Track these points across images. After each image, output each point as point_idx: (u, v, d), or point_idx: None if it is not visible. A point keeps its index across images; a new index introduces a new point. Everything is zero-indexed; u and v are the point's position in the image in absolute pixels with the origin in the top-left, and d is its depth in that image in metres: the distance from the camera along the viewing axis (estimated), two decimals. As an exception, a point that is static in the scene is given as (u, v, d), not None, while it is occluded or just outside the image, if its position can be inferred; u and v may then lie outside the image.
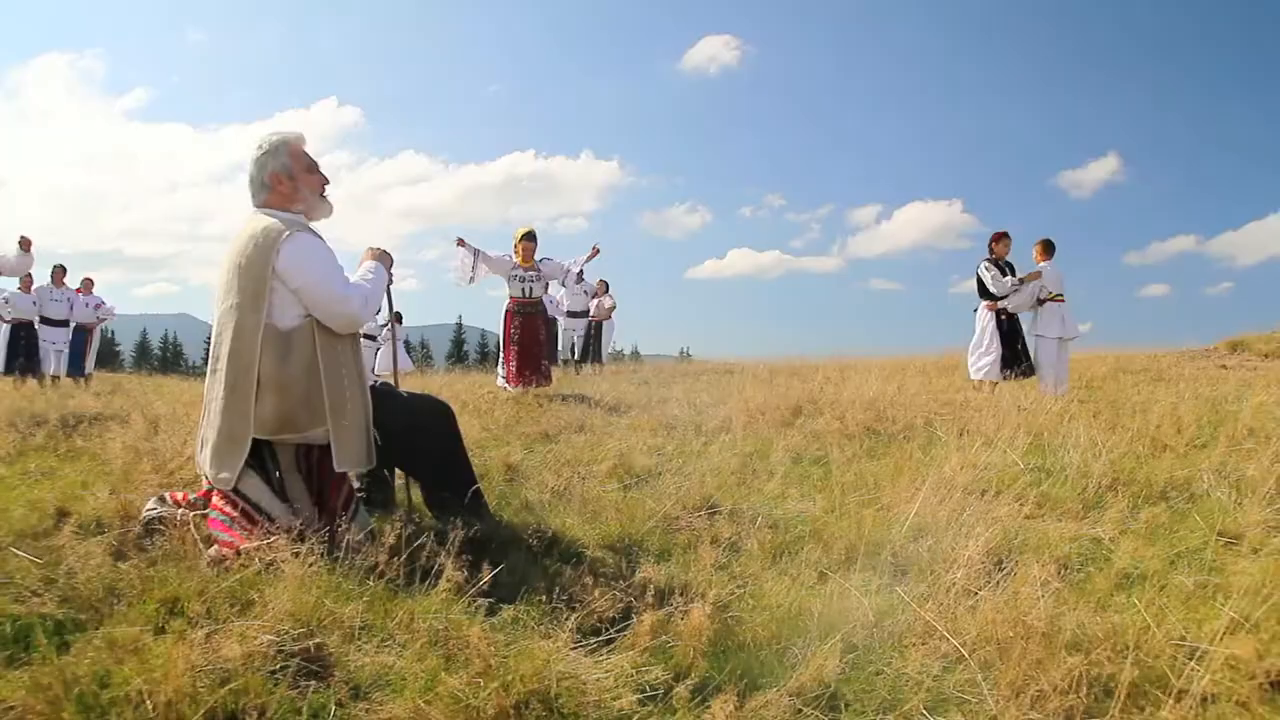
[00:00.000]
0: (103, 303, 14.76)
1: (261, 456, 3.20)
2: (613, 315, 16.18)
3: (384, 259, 3.61)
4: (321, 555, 2.76)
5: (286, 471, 3.25)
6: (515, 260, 9.46)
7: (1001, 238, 9.64)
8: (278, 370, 3.14)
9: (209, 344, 3.44)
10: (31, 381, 12.58)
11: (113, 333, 59.62)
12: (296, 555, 2.71)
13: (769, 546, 3.26)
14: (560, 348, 16.00)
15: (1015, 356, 9.36)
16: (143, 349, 60.31)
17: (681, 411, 7.20)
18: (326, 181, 3.48)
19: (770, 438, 5.79)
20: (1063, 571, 3.01)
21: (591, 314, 15.96)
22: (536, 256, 9.53)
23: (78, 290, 14.39)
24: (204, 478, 3.25)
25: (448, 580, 2.57)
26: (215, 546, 3.02)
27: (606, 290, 16.09)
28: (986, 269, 9.43)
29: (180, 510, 3.29)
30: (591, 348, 15.91)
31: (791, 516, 3.73)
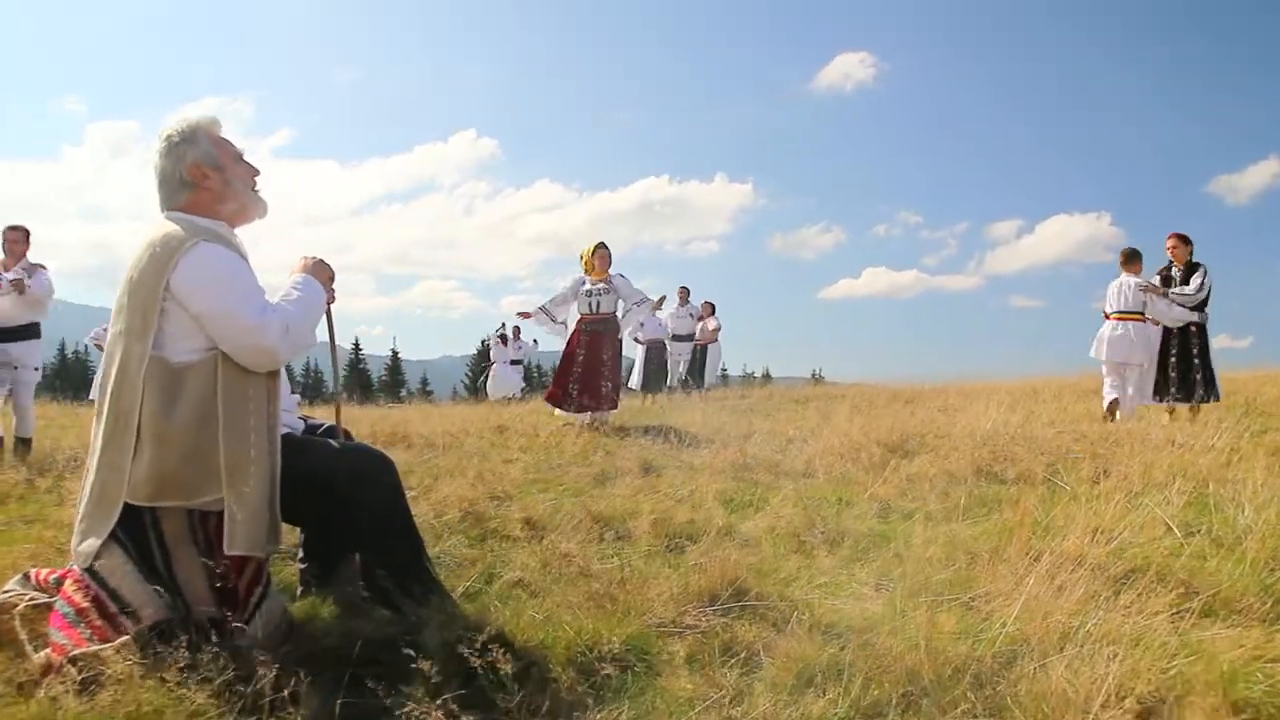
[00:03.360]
0: None
1: (140, 524, 2.46)
2: (718, 338, 15.31)
3: (319, 270, 2.83)
4: (185, 666, 2.10)
5: (174, 543, 2.50)
6: (584, 275, 8.91)
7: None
8: (159, 417, 2.41)
9: (347, 372, 2.72)
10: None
11: (259, 361, 62.24)
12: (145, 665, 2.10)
13: (797, 667, 2.29)
14: (669, 373, 15.22)
15: (1186, 379, 8.01)
16: (287, 375, 62.55)
17: (766, 448, 6.24)
18: (257, 173, 2.78)
19: (857, 482, 4.80)
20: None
21: (696, 337, 15.14)
22: (611, 270, 8.92)
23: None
24: None
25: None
26: (47, 650, 2.32)
27: (713, 312, 15.28)
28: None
29: (29, 596, 2.59)
30: (698, 373, 15.09)
31: (843, 614, 2.73)
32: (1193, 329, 8.01)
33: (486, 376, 20.23)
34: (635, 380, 15.16)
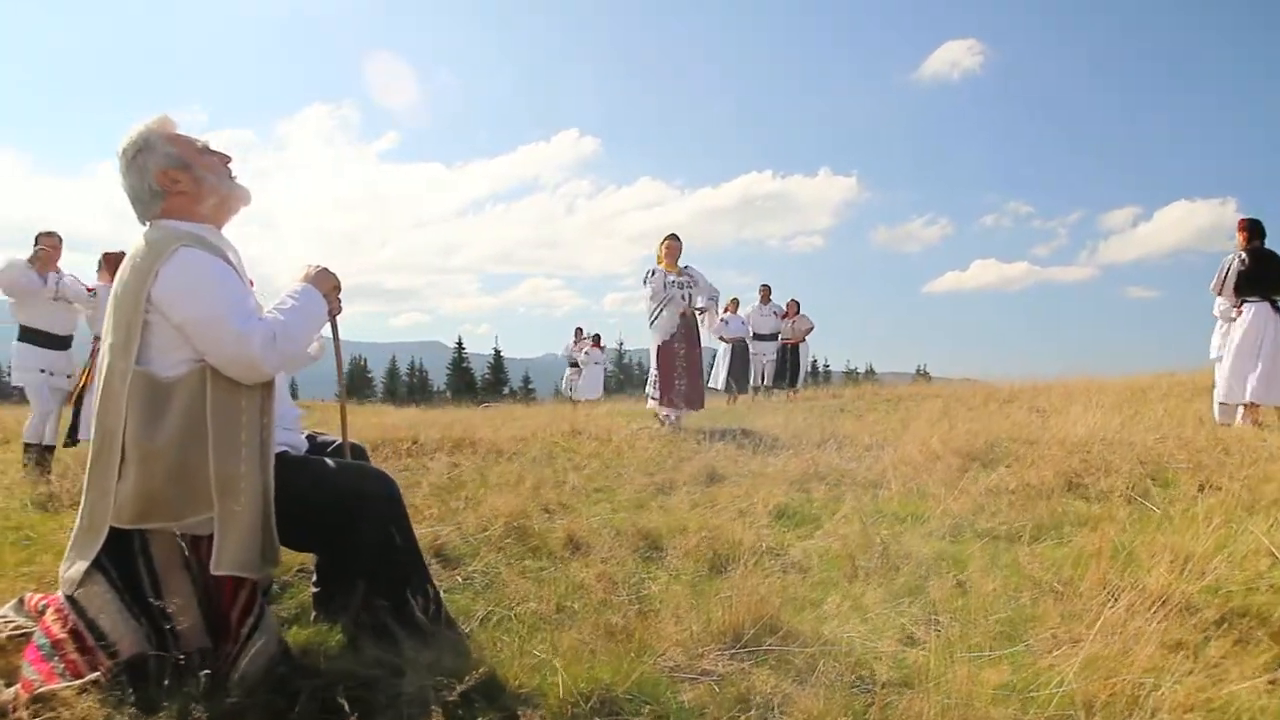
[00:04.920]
0: None
1: (129, 549, 2.34)
2: (807, 338, 14.85)
3: (321, 279, 2.66)
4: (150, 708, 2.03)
5: (164, 569, 2.38)
6: (659, 268, 8.70)
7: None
8: (143, 435, 2.29)
9: (450, 371, 2.61)
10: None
11: (366, 360, 63.97)
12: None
13: (814, 725, 2.01)
14: (752, 374, 14.82)
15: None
16: (392, 376, 64.13)
17: (840, 456, 5.89)
18: (229, 159, 2.61)
19: (931, 496, 4.43)
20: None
21: (783, 336, 14.70)
22: (680, 261, 8.74)
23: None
24: None
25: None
26: (17, 685, 2.20)
27: (798, 310, 14.81)
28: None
29: (14, 624, 2.50)
30: (788, 372, 14.65)
31: (880, 660, 2.42)
32: None
33: (577, 378, 20.14)
34: (718, 379, 14.84)
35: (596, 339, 20.50)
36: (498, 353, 62.47)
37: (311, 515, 2.49)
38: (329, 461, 2.62)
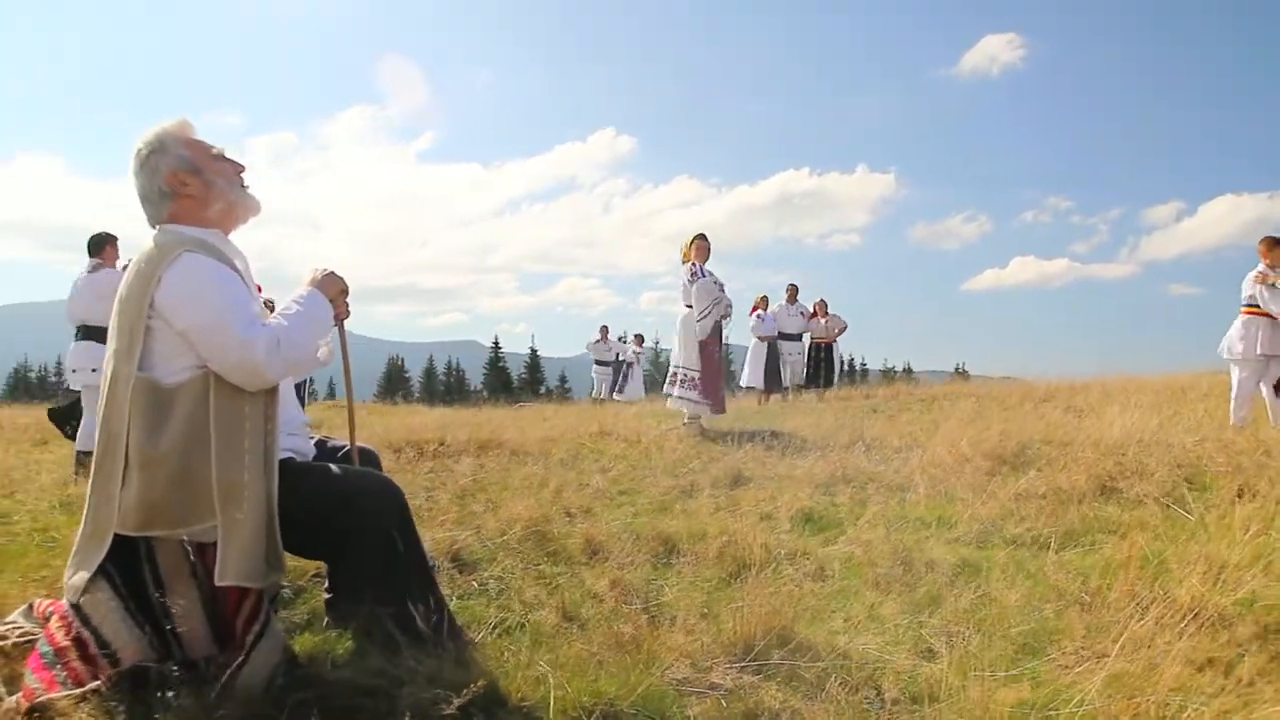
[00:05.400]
0: None
1: (134, 556, 2.34)
2: (839, 337, 14.66)
3: (327, 284, 2.63)
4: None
5: (170, 576, 2.36)
6: (695, 264, 8.58)
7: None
8: (145, 441, 2.27)
9: (487, 370, 2.60)
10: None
11: (403, 360, 64.36)
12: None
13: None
14: (784, 374, 14.64)
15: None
16: (429, 375, 64.53)
17: (868, 458, 5.78)
18: (242, 168, 2.61)
19: (960, 500, 4.32)
20: None
21: (816, 335, 14.52)
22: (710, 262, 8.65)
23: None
24: None
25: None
26: (19, 694, 2.20)
27: (826, 310, 14.61)
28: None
29: (21, 630, 2.50)
30: (822, 373, 14.48)
31: (894, 676, 2.34)
32: None
33: (621, 379, 19.94)
34: (750, 378, 14.65)
35: (640, 339, 20.37)
36: (534, 352, 62.62)
37: (315, 523, 2.46)
38: (334, 468, 2.58)
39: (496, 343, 62.84)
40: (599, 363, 20.24)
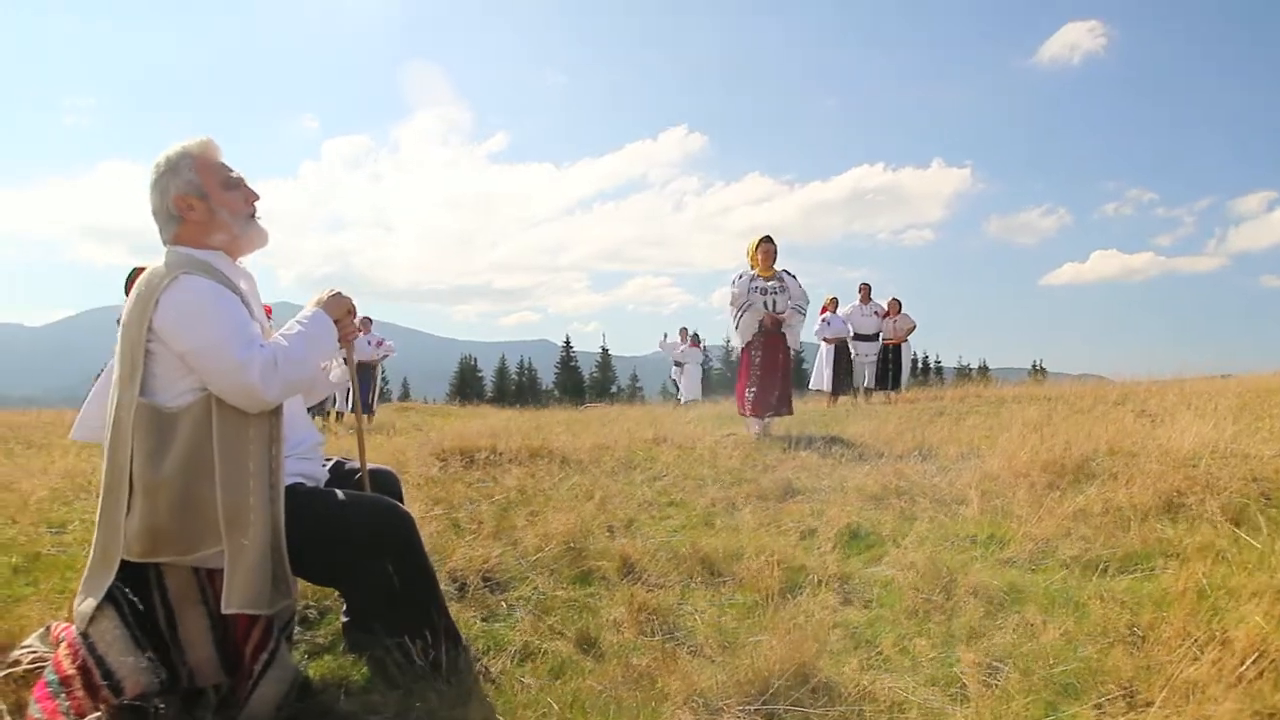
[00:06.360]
0: (383, 340, 15.22)
1: (144, 582, 2.34)
2: (909, 337, 14.31)
3: (333, 305, 2.60)
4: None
5: (179, 603, 2.37)
6: (751, 271, 8.42)
7: None
8: (147, 467, 2.27)
9: (558, 369, 2.60)
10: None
11: (475, 360, 65.06)
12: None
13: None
14: (857, 376, 14.37)
15: None
16: (501, 375, 65.08)
17: (925, 468, 5.58)
18: (256, 198, 2.59)
19: (1015, 516, 4.11)
20: None
21: (884, 336, 14.20)
22: (776, 265, 8.44)
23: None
24: None
25: None
26: None
27: (899, 309, 14.27)
28: None
29: (35, 654, 2.51)
30: (890, 374, 14.16)
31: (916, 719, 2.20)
32: None
33: (683, 380, 19.89)
34: (821, 381, 14.48)
35: (695, 338, 20.28)
36: (605, 351, 62.82)
37: (319, 552, 2.43)
38: (341, 495, 2.54)
39: (568, 342, 63.22)
40: (677, 364, 20.21)
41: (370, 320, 15.46)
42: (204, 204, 2.46)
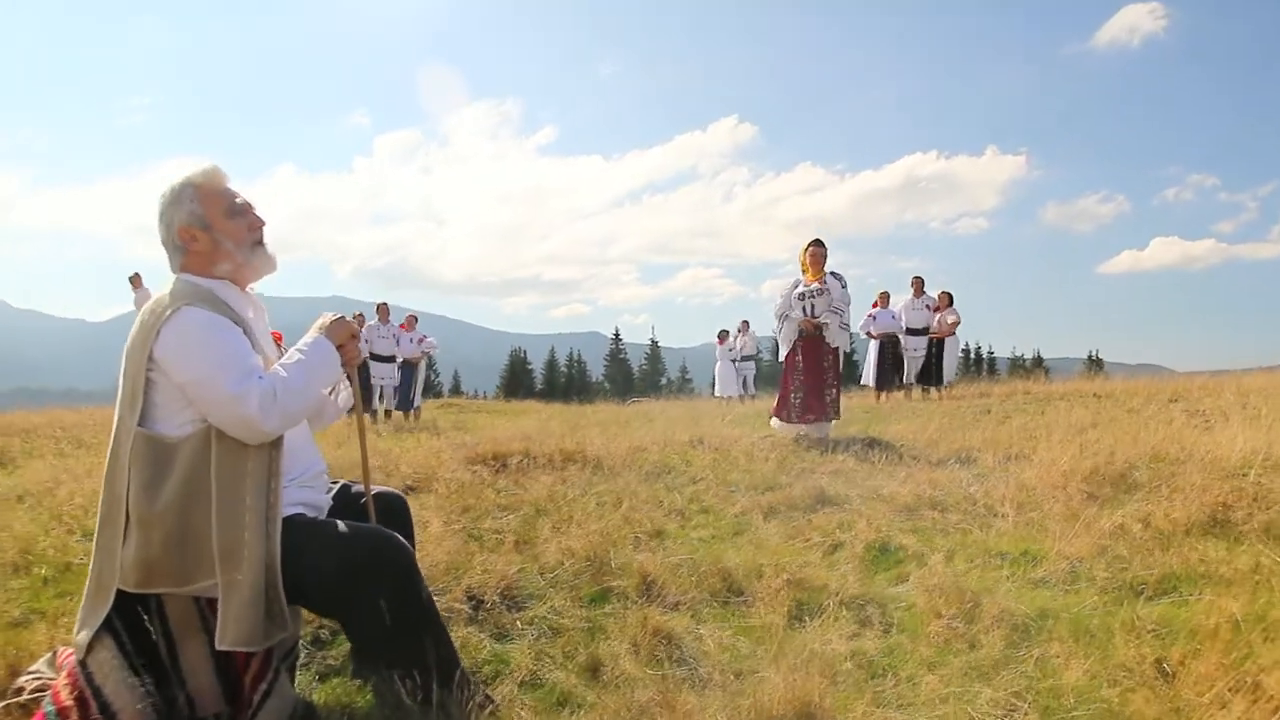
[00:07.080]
0: (425, 337, 15.22)
1: (145, 610, 2.36)
2: (956, 332, 13.99)
3: (335, 330, 2.57)
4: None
5: (180, 632, 2.38)
6: (802, 277, 8.33)
7: None
8: (143, 499, 2.28)
9: (608, 362, 2.61)
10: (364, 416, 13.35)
11: (525, 353, 65.32)
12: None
13: None
14: (905, 369, 14.13)
15: None
16: (551, 367, 65.16)
17: (961, 475, 5.43)
18: (262, 224, 2.57)
19: (1050, 532, 3.96)
20: None
21: (932, 330, 13.93)
22: (827, 267, 8.31)
23: (401, 326, 15.00)
24: None
25: None
26: None
27: (950, 303, 13.96)
28: None
29: (38, 682, 2.52)
30: (933, 369, 13.88)
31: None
32: None
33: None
34: (869, 376, 14.33)
35: (722, 335, 20.01)
36: (654, 343, 62.70)
37: (316, 584, 2.40)
38: (340, 527, 2.51)
39: (617, 334, 63.27)
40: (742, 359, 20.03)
41: (415, 318, 15.57)
42: (207, 235, 2.46)
